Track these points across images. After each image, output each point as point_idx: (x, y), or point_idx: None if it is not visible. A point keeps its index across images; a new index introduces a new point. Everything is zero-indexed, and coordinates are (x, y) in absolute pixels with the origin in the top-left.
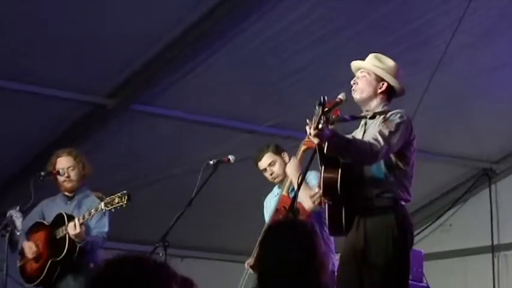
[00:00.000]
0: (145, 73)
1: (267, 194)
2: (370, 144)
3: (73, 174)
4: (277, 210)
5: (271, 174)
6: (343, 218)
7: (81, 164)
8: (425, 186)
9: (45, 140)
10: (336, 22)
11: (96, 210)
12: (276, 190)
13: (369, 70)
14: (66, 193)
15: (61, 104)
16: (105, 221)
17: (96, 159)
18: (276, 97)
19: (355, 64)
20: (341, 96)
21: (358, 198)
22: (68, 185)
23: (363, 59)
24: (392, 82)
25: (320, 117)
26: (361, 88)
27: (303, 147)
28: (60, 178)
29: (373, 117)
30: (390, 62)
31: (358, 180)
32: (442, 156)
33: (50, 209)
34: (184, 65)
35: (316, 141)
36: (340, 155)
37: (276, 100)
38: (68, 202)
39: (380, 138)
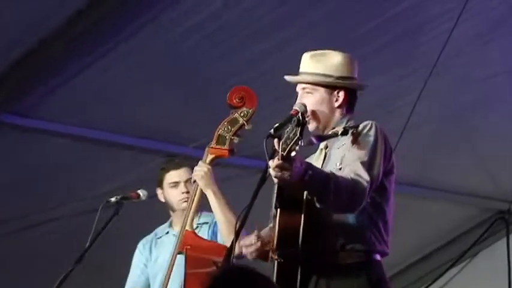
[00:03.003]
0: (16, 74)
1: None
2: (353, 181)
3: None
4: (185, 256)
5: (184, 193)
6: (298, 280)
7: None
8: (416, 236)
9: None
10: (286, 7)
11: None
12: (165, 228)
13: (314, 84)
14: None
15: None
16: None
17: None
18: (204, 108)
19: (289, 80)
20: (297, 107)
21: (319, 252)
22: None
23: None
24: (351, 85)
25: (296, 141)
26: (311, 113)
27: (210, 156)
28: None
29: (344, 133)
30: (335, 57)
31: (321, 227)
32: (440, 192)
33: None
34: (71, 63)
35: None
36: (315, 197)
37: (205, 112)
38: None
39: (362, 171)
